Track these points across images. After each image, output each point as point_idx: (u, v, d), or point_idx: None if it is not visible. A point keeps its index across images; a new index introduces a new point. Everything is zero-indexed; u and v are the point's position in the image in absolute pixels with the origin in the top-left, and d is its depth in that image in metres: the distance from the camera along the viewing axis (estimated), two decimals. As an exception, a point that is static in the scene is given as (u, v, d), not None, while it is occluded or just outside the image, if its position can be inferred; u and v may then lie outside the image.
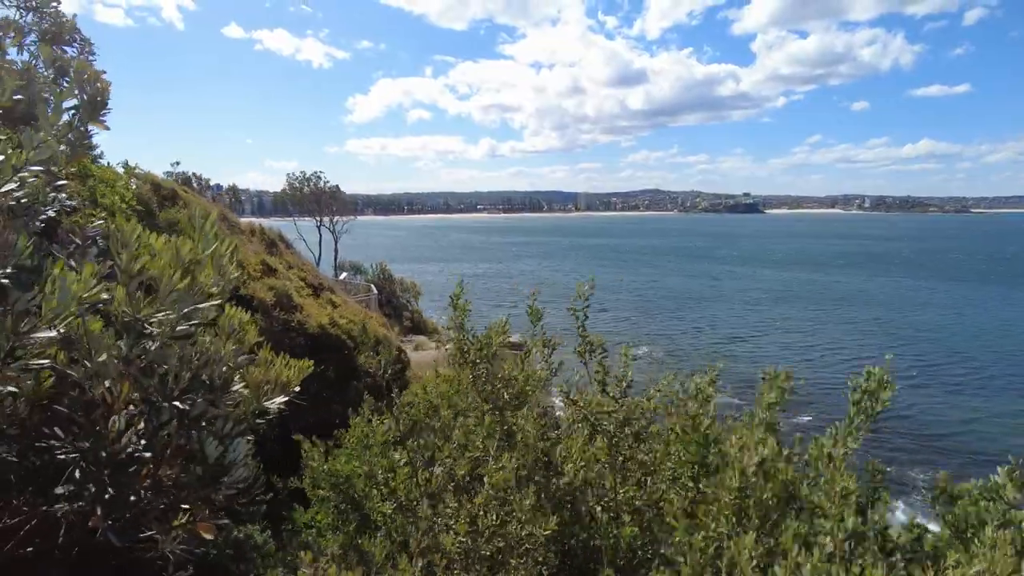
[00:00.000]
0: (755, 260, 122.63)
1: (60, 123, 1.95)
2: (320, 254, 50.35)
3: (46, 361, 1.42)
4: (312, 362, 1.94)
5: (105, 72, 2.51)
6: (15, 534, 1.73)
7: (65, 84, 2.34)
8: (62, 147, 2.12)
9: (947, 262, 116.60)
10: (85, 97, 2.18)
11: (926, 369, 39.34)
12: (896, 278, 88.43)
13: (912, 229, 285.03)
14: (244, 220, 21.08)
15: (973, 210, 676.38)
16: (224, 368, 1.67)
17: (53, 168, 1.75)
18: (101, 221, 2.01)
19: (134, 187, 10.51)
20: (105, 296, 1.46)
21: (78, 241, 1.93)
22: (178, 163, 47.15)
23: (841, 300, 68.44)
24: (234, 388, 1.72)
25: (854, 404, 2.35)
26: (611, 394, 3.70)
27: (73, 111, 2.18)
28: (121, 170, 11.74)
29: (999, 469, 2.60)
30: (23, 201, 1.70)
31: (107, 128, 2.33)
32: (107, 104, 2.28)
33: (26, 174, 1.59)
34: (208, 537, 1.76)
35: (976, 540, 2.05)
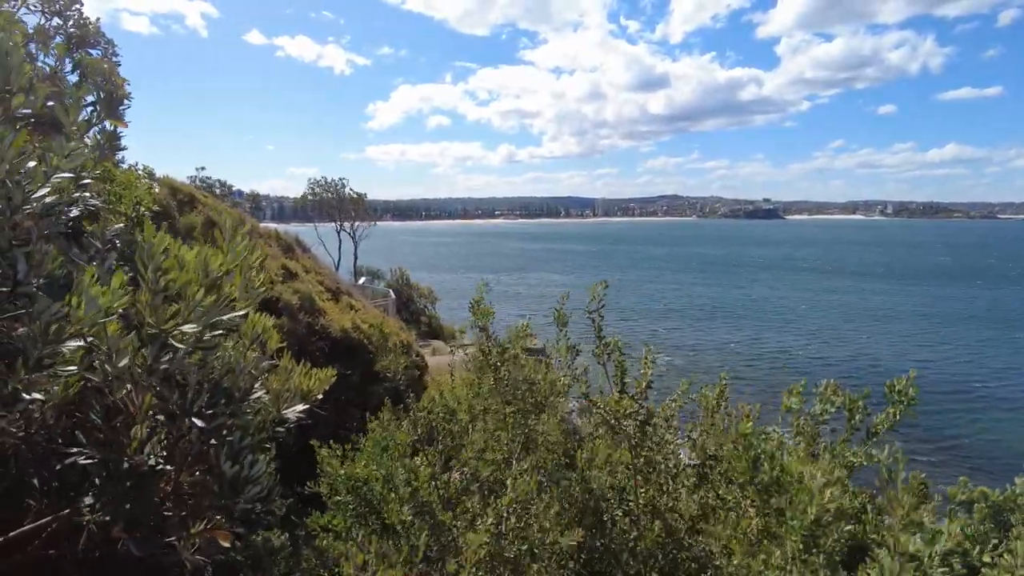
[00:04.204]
0: (780, 268, 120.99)
1: (79, 120, 1.97)
2: (339, 259, 50.68)
3: (74, 368, 1.43)
4: (335, 371, 1.93)
5: (119, 65, 2.55)
6: (38, 536, 1.74)
7: (81, 79, 2.37)
8: (88, 148, 2.14)
9: (987, 270, 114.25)
10: (102, 94, 2.20)
11: (976, 384, 38.49)
12: (937, 287, 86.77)
13: (942, 235, 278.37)
14: (262, 225, 21.30)
15: (1000, 216, 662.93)
16: (246, 377, 1.67)
17: (83, 173, 1.77)
18: (120, 225, 2.03)
19: (156, 190, 10.63)
20: (129, 292, 1.47)
21: (98, 245, 1.95)
22: (203, 168, 47.80)
23: (880, 310, 67.25)
24: (255, 395, 1.71)
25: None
26: (630, 395, 3.67)
27: (91, 108, 2.20)
28: (142, 173, 11.86)
29: (1016, 479, 2.56)
30: (48, 201, 1.72)
31: (126, 125, 2.35)
32: (123, 100, 2.30)
33: (58, 180, 1.60)
34: (225, 544, 1.76)
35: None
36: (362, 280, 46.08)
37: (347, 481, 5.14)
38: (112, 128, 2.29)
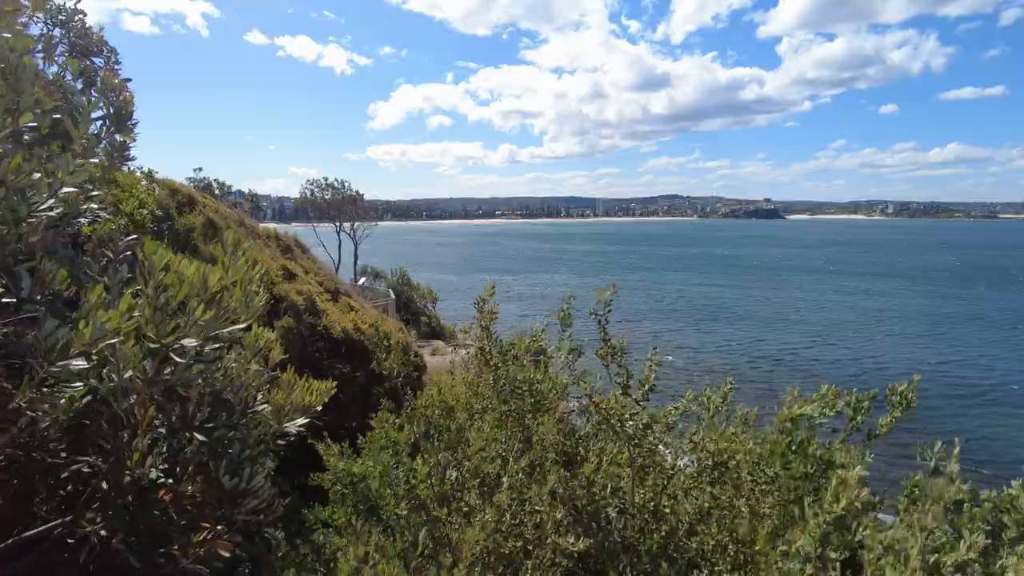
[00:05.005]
0: (782, 268, 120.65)
1: (88, 135, 2.00)
2: (339, 260, 50.70)
3: (80, 384, 1.45)
4: (335, 384, 1.95)
5: (130, 80, 2.57)
6: (43, 542, 1.76)
7: (93, 94, 2.40)
8: (96, 159, 2.17)
9: (989, 271, 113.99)
10: (111, 109, 2.22)
11: (982, 385, 38.21)
12: (939, 288, 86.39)
13: (943, 236, 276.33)
14: (262, 225, 21.35)
15: (1001, 215, 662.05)
16: (247, 389, 1.69)
17: (87, 185, 1.80)
18: (135, 237, 2.04)
19: (156, 192, 10.66)
20: (136, 314, 1.49)
21: (110, 255, 1.97)
22: (200, 169, 47.79)
23: (883, 311, 66.89)
24: (257, 407, 1.73)
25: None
26: (633, 397, 3.69)
27: (101, 122, 2.23)
28: (141, 175, 11.94)
29: (1013, 482, 2.57)
30: (54, 214, 1.74)
31: (134, 139, 2.38)
32: (132, 115, 2.33)
33: (64, 194, 1.62)
34: (225, 555, 1.77)
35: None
36: (362, 280, 46.15)
37: (346, 476, 5.20)
38: (121, 141, 2.31)
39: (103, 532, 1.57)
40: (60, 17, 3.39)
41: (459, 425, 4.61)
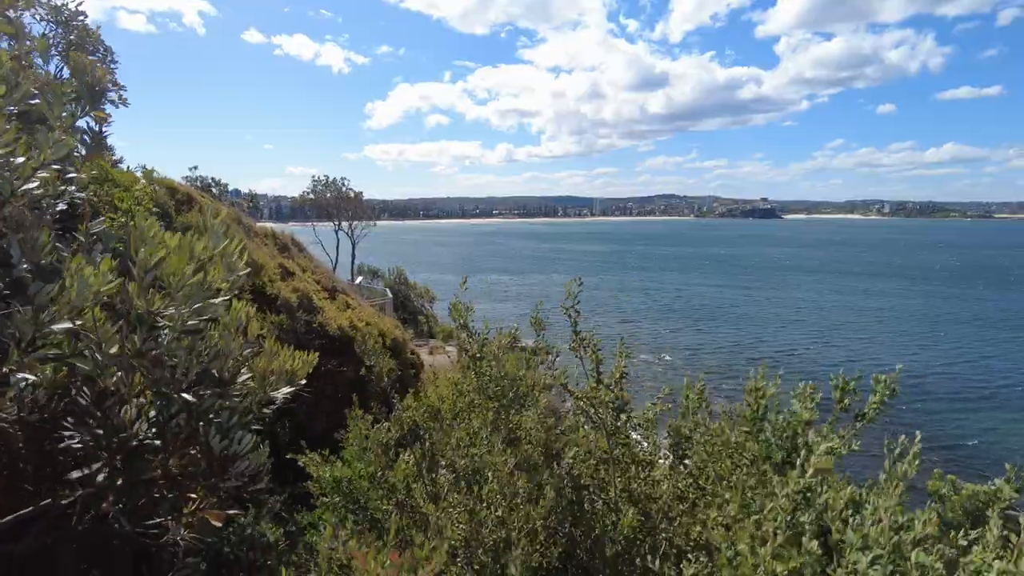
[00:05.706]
0: (782, 268, 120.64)
1: (64, 115, 2.03)
2: (337, 259, 50.80)
3: (60, 351, 1.49)
4: (317, 354, 1.99)
5: (116, 71, 2.61)
6: (34, 523, 1.79)
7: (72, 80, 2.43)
8: (79, 149, 2.21)
9: (988, 271, 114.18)
10: (84, 87, 2.24)
11: (981, 386, 38.26)
12: (935, 287, 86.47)
13: (941, 236, 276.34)
14: (259, 224, 21.37)
15: (997, 215, 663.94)
16: (232, 362, 1.73)
17: (69, 168, 1.84)
18: (103, 218, 2.07)
19: (154, 190, 10.68)
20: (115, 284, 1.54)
21: (81, 239, 2.00)
22: (196, 168, 47.84)
23: (882, 311, 66.97)
24: (241, 379, 1.77)
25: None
26: (606, 384, 3.79)
27: (73, 102, 2.25)
28: (140, 174, 11.96)
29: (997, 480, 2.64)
30: (36, 193, 1.77)
31: (106, 117, 2.39)
32: (105, 93, 2.35)
33: (45, 174, 1.67)
34: (216, 524, 1.81)
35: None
36: (359, 280, 46.23)
37: (334, 483, 5.24)
38: (97, 127, 2.34)
39: (92, 493, 1.61)
40: (62, 17, 3.42)
41: (445, 426, 4.68)
